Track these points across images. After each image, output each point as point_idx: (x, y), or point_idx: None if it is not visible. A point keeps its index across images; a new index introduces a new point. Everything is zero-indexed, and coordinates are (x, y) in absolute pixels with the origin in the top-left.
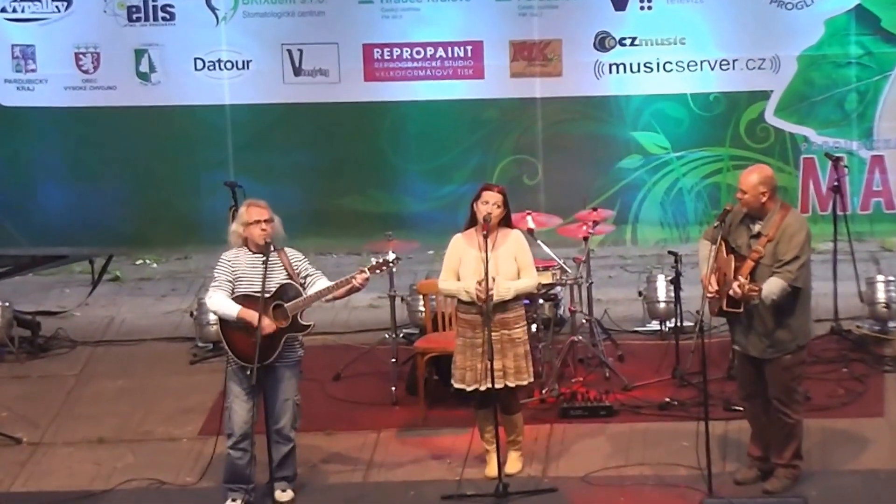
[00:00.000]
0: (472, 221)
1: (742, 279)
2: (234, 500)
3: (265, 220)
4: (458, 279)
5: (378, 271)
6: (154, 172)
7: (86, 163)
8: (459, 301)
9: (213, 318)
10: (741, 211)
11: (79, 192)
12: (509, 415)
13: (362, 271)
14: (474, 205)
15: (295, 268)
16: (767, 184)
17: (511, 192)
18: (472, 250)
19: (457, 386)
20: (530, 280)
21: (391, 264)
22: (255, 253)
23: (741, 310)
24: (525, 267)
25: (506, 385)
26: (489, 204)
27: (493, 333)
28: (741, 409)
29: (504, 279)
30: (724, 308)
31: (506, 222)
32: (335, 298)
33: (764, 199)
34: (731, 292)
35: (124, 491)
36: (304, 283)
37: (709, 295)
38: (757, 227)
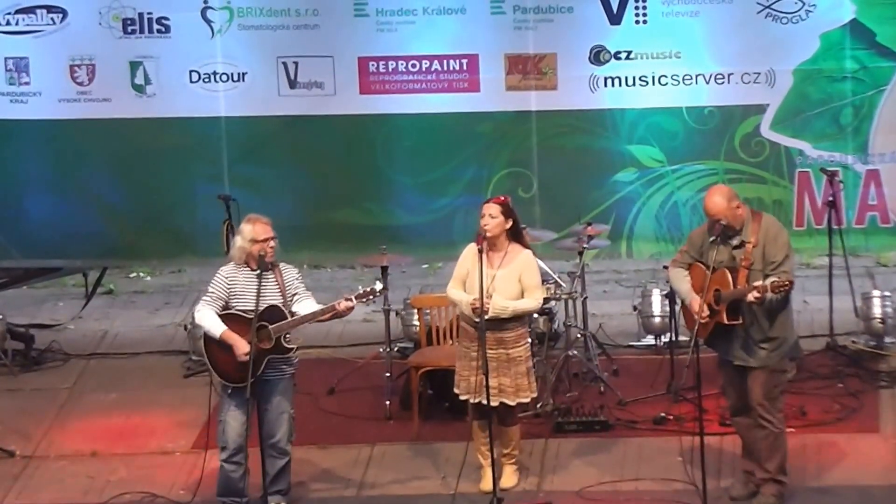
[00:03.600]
0: None
1: (760, 283)
2: None
3: (272, 238)
4: (465, 289)
5: (364, 300)
6: (149, 185)
7: (80, 175)
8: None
9: None
10: (704, 232)
11: (72, 204)
12: (506, 427)
13: (348, 299)
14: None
15: (287, 287)
16: (734, 197)
17: (511, 199)
18: (479, 264)
19: (455, 390)
20: (531, 302)
21: (378, 294)
22: (254, 270)
23: (741, 321)
24: (530, 288)
25: (503, 402)
26: (486, 216)
27: (491, 351)
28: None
29: (503, 297)
30: (727, 322)
31: (514, 235)
32: (321, 321)
33: (740, 210)
34: (753, 296)
35: None
36: (291, 301)
37: (702, 320)
38: (737, 239)
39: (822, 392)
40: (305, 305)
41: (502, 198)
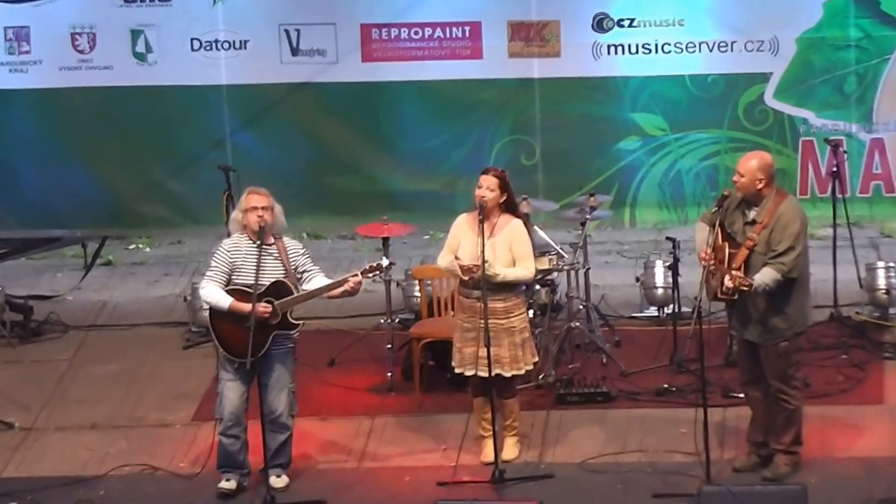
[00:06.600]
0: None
1: (735, 272)
2: (228, 479)
3: (262, 208)
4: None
5: (370, 275)
6: (150, 153)
7: (80, 144)
8: (459, 282)
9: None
10: (738, 196)
11: (72, 173)
12: (504, 399)
13: (355, 274)
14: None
15: (292, 261)
16: (766, 171)
17: (509, 173)
18: (471, 234)
19: (453, 365)
20: (524, 271)
21: (384, 270)
22: (254, 243)
23: (735, 297)
24: (521, 257)
25: (499, 374)
26: (483, 188)
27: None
28: (741, 395)
29: (499, 266)
30: (719, 295)
31: (508, 207)
32: (328, 297)
33: (760, 185)
34: (725, 283)
35: (117, 476)
36: (301, 277)
37: (710, 266)
38: (752, 214)
39: (827, 363)
40: (316, 283)
41: (500, 171)
